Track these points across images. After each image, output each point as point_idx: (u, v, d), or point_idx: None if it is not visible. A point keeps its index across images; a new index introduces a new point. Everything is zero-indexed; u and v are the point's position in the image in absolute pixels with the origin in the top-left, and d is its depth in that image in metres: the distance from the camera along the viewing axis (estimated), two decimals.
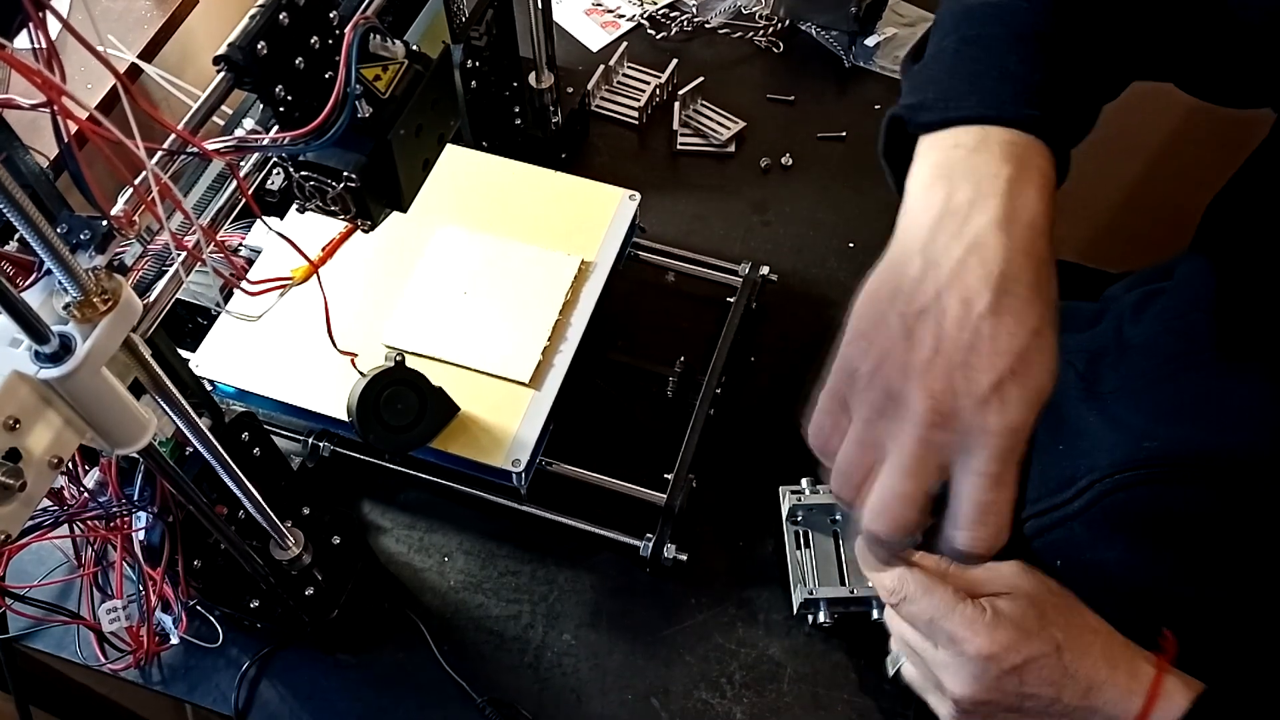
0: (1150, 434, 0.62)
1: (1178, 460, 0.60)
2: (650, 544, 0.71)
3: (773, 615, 0.72)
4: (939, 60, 0.55)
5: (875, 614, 0.67)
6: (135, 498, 0.57)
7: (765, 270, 0.85)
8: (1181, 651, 0.54)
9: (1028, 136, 0.49)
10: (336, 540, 0.68)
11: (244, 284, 0.49)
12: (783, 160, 0.96)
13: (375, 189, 0.52)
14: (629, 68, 1.02)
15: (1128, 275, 0.82)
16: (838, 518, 0.71)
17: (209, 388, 0.73)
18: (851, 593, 0.68)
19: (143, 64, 0.56)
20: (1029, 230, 0.47)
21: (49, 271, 0.41)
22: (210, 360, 0.72)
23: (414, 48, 0.56)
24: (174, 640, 0.64)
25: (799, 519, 0.72)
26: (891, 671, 0.65)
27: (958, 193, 0.48)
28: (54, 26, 0.38)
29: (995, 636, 0.53)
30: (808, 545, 0.71)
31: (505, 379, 0.72)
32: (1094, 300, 0.79)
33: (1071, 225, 1.54)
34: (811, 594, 0.69)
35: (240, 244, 0.80)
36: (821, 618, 0.69)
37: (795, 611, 0.70)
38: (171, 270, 0.47)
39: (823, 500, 0.71)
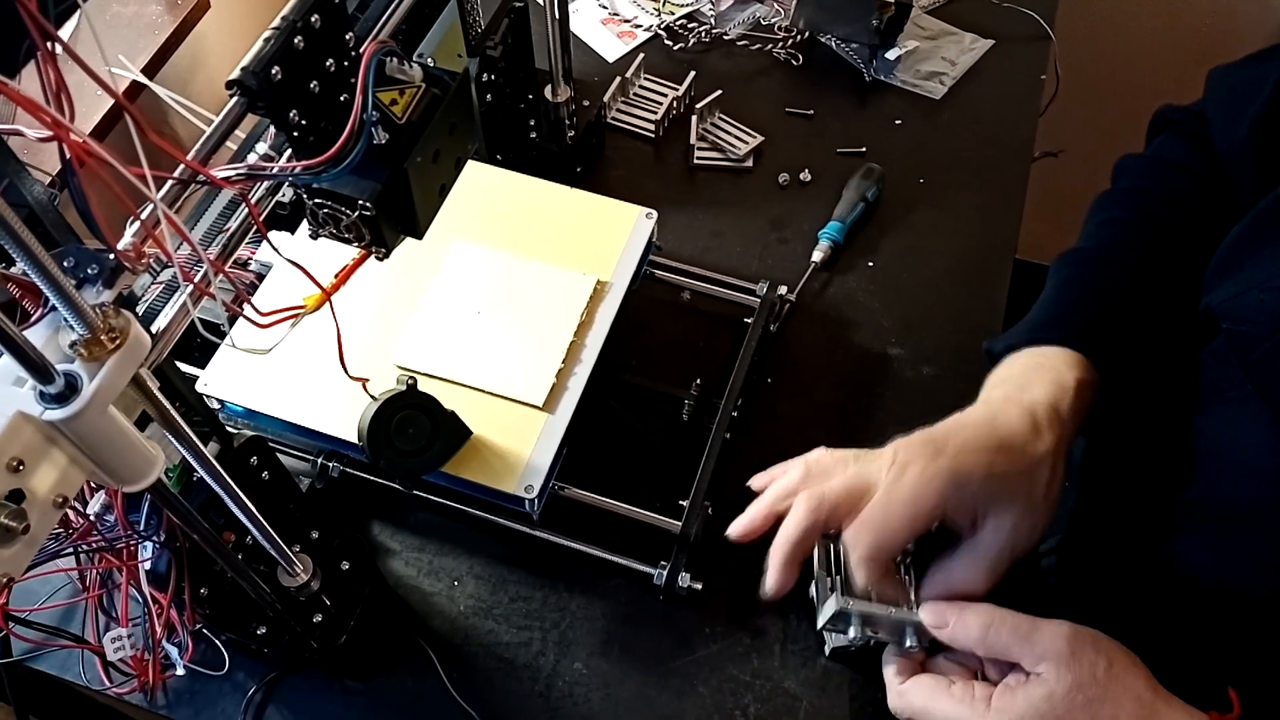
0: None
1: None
2: (664, 572, 0.70)
3: (789, 647, 0.70)
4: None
5: (909, 642, 0.63)
6: (141, 526, 0.56)
7: (783, 290, 0.83)
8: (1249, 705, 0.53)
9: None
10: (345, 565, 0.67)
11: (254, 314, 0.48)
12: (801, 176, 0.94)
13: (391, 217, 0.51)
14: (646, 79, 1.00)
15: None
16: None
17: (217, 406, 0.72)
18: (889, 613, 0.63)
19: (149, 83, 0.55)
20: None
21: (55, 307, 0.40)
22: (219, 380, 0.71)
23: (431, 65, 0.54)
24: (179, 670, 0.63)
25: (832, 533, 0.67)
26: None
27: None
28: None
29: None
30: (838, 559, 0.66)
31: (518, 402, 0.70)
32: None
33: None
34: (847, 606, 0.63)
35: (250, 258, 0.79)
36: (852, 633, 0.64)
37: (820, 626, 0.66)
38: (179, 303, 0.45)
39: None
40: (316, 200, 0.50)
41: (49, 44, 0.34)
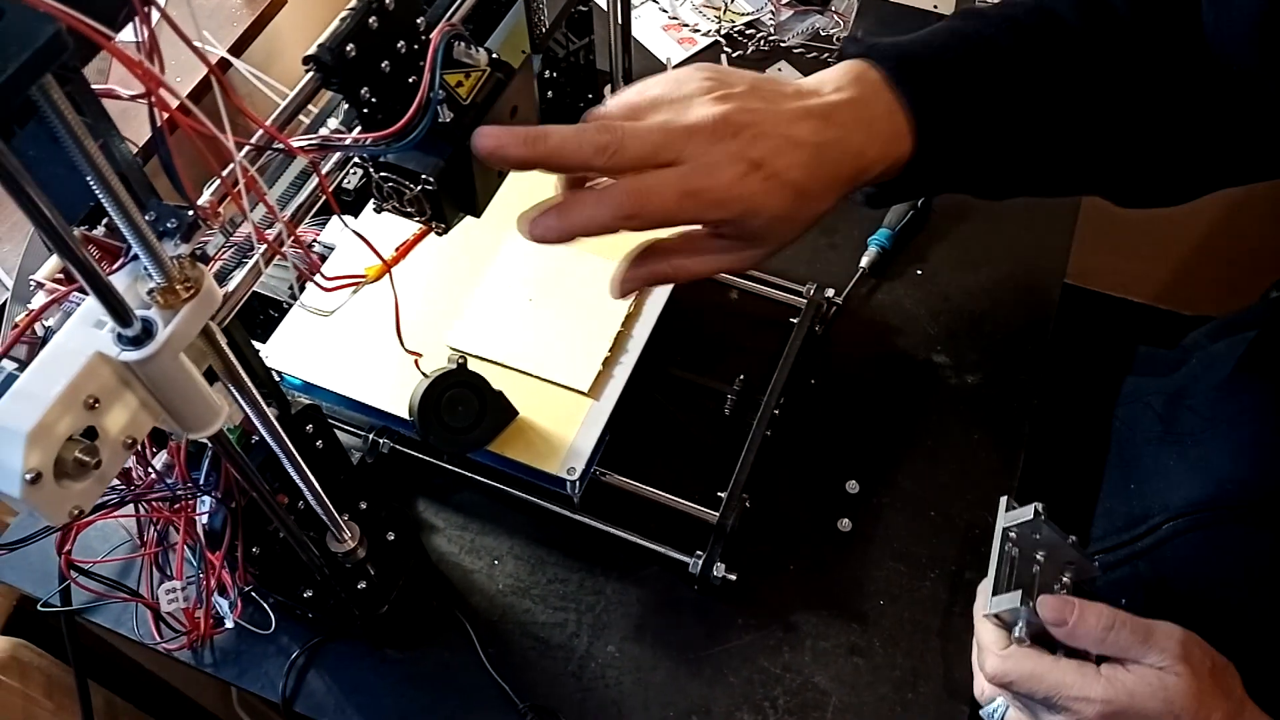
0: (1231, 475, 0.62)
1: (1258, 501, 0.60)
2: (700, 561, 0.71)
3: (820, 643, 0.71)
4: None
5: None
6: (201, 482, 0.58)
7: (830, 293, 0.84)
8: None
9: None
10: (391, 536, 0.69)
11: (319, 279, 0.50)
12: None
13: (451, 193, 0.53)
14: None
15: (1206, 319, 0.81)
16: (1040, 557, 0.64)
17: (277, 379, 0.75)
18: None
19: (233, 59, 0.58)
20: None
21: (135, 257, 0.43)
22: (280, 352, 0.74)
23: (495, 56, 0.56)
24: (229, 624, 0.65)
25: (1013, 537, 0.64)
26: None
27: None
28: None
29: (1108, 701, 0.55)
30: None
31: (565, 387, 0.72)
32: (1170, 345, 0.78)
33: (1149, 267, 1.51)
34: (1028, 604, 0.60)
35: (315, 240, 0.82)
36: (1018, 631, 0.61)
37: (994, 612, 0.62)
38: (252, 261, 0.48)
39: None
40: (382, 174, 0.52)
41: (145, 6, 0.37)
